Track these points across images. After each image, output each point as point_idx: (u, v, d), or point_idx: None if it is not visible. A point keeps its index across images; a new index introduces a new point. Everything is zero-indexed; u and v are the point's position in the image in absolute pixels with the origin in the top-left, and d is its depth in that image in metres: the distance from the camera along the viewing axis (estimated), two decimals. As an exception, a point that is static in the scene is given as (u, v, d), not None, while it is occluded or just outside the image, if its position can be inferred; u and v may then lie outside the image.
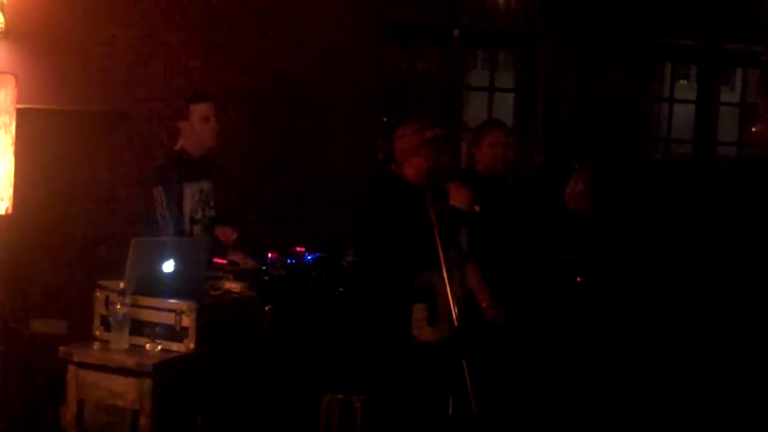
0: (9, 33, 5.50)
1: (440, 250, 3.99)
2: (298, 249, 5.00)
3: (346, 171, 6.14)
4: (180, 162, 4.85)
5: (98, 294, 4.03)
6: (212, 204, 4.96)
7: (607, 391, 5.41)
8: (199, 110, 4.87)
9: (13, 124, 4.40)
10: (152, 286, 3.99)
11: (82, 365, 3.87)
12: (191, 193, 4.82)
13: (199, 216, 4.85)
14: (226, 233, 4.93)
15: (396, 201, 4.22)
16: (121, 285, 3.87)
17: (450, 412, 4.18)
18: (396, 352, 4.19)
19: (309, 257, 5.00)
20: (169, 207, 4.64)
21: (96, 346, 3.95)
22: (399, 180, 4.32)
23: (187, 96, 5.00)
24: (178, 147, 4.92)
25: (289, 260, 4.88)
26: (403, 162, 4.34)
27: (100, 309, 4.02)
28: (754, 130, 7.91)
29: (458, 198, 4.27)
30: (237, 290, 4.33)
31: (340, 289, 4.93)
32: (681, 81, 9.66)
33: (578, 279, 5.54)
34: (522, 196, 5.28)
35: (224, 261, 4.74)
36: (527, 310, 5.06)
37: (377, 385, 4.31)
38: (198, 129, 4.87)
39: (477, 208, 4.27)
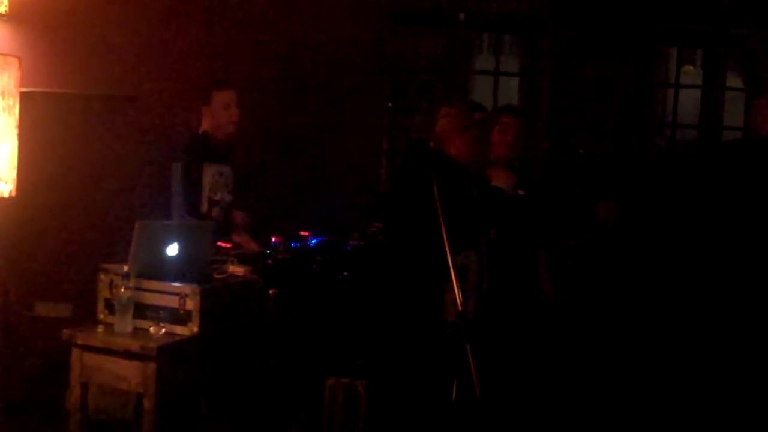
0: (13, 15, 5.48)
1: (445, 233, 3.95)
2: (303, 233, 4.99)
3: (351, 156, 6.14)
4: (202, 143, 4.95)
5: (102, 277, 4.02)
6: (230, 189, 5.02)
7: (605, 377, 5.42)
8: (221, 97, 4.97)
9: (17, 107, 4.41)
10: (156, 269, 3.99)
11: (86, 348, 3.87)
12: (211, 174, 4.90)
13: (218, 197, 4.93)
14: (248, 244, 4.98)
15: (435, 178, 4.19)
16: (125, 268, 3.87)
17: (453, 396, 4.18)
18: (426, 329, 4.17)
19: (313, 241, 4.98)
20: (184, 183, 4.70)
21: (100, 329, 3.95)
22: (438, 156, 4.29)
23: (211, 82, 5.13)
24: (201, 130, 5.01)
25: (293, 244, 4.87)
26: (444, 141, 4.31)
27: (104, 292, 4.01)
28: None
29: (503, 179, 4.24)
30: (241, 274, 4.32)
31: (345, 273, 4.92)
32: (687, 66, 9.61)
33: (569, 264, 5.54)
34: (529, 183, 5.27)
35: (229, 245, 4.75)
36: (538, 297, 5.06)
37: (381, 368, 4.31)
38: (218, 115, 4.97)
39: (521, 192, 4.26)
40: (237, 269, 4.34)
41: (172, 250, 4.05)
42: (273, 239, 4.82)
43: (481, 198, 4.18)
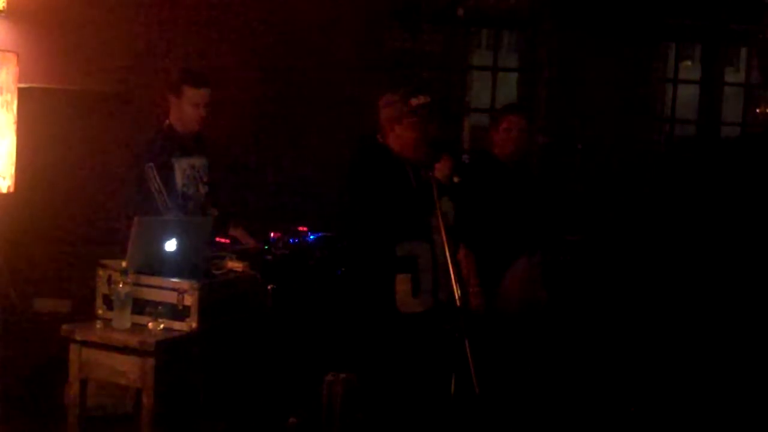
0: (11, 11, 5.49)
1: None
2: (301, 228, 5.00)
3: (350, 151, 6.13)
4: (168, 137, 4.71)
5: (101, 273, 4.02)
6: (205, 180, 4.90)
7: (604, 372, 5.42)
8: (192, 95, 4.67)
9: (15, 102, 4.41)
10: (155, 264, 3.99)
11: (84, 344, 3.87)
12: (181, 169, 4.71)
13: (191, 192, 4.76)
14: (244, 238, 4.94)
15: (377, 169, 4.18)
16: (124, 264, 3.86)
17: (452, 391, 4.18)
18: (382, 324, 4.16)
19: (311, 237, 4.99)
20: (163, 181, 4.58)
21: (98, 324, 3.95)
22: (382, 149, 4.27)
23: (184, 74, 4.80)
24: (166, 124, 4.76)
25: (291, 240, 4.87)
26: (387, 132, 4.26)
27: (102, 288, 4.01)
28: (758, 111, 7.93)
29: (438, 169, 4.19)
30: (239, 269, 4.32)
31: (342, 269, 4.93)
32: (685, 61, 9.61)
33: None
34: (530, 180, 5.27)
35: (227, 240, 4.74)
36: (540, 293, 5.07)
37: (378, 363, 4.31)
38: (185, 111, 4.69)
39: (456, 179, 4.19)
40: (235, 265, 4.34)
41: (171, 245, 4.05)
42: (271, 235, 4.83)
43: (420, 187, 4.16)
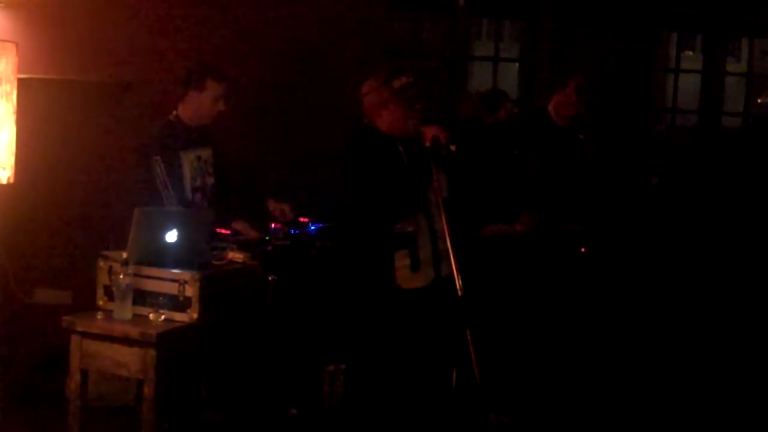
0: (11, 2, 5.46)
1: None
2: (302, 219, 4.99)
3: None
4: (176, 130, 4.84)
5: (101, 264, 4.03)
6: (211, 171, 4.96)
7: (609, 365, 5.42)
8: (216, 89, 4.84)
9: (15, 93, 4.39)
10: (155, 255, 3.99)
11: (85, 335, 3.88)
12: (189, 161, 4.82)
13: (198, 183, 4.86)
14: (284, 210, 4.95)
15: (369, 151, 4.19)
16: (125, 255, 3.86)
17: (453, 383, 4.17)
18: (383, 301, 4.16)
19: (313, 228, 4.98)
20: (169, 176, 4.64)
21: (99, 315, 3.96)
22: (372, 131, 4.26)
23: (206, 69, 4.94)
24: (173, 115, 4.89)
25: (292, 230, 4.86)
26: (374, 117, 4.26)
27: (103, 279, 4.02)
28: (759, 101, 7.91)
29: (429, 138, 4.16)
30: (240, 260, 4.32)
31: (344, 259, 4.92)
32: (687, 51, 9.60)
33: (582, 250, 5.52)
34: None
35: (228, 231, 4.74)
36: (533, 283, 5.06)
37: (380, 354, 4.31)
38: (204, 105, 4.85)
39: (453, 147, 4.14)
40: (236, 256, 4.33)
41: (171, 236, 4.05)
42: (272, 225, 4.82)
43: (415, 163, 4.14)
